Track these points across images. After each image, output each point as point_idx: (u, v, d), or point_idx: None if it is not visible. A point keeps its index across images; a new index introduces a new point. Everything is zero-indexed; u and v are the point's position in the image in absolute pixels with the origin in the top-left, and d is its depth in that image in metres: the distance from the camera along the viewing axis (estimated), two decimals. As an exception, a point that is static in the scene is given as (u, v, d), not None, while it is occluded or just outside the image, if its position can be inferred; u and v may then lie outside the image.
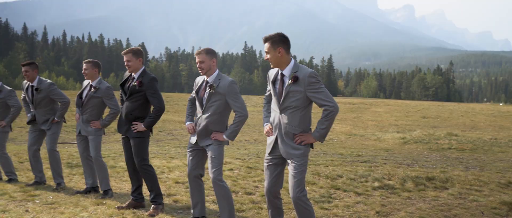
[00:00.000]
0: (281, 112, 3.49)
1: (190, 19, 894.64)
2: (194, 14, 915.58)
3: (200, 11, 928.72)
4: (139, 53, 4.75)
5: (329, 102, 3.36)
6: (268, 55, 3.50)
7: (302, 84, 3.37)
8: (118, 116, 4.98)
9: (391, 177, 6.62)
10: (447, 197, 5.67)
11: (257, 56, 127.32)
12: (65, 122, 6.08)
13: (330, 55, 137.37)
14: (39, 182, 5.97)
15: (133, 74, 4.73)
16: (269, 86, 3.67)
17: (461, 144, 12.09)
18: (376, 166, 7.76)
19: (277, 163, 3.63)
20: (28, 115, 5.95)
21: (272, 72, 3.65)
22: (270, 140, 3.62)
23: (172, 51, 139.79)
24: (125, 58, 4.71)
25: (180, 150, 10.09)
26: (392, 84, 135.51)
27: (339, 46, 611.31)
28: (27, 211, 4.64)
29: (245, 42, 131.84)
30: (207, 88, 4.04)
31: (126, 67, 4.73)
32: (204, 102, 4.05)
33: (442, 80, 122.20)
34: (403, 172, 7.02)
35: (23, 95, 5.96)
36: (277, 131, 3.54)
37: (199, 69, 4.09)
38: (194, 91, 4.23)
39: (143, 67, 4.79)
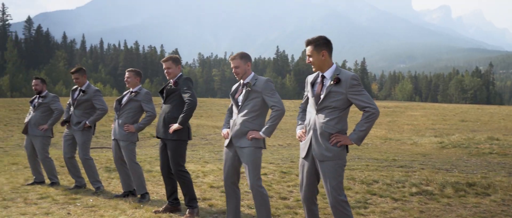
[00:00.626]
0: (318, 112, 3.44)
1: (222, 24, 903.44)
2: (226, 19, 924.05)
3: (231, 17, 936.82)
4: (178, 60, 4.88)
5: (371, 105, 3.32)
6: (311, 58, 3.47)
7: (344, 86, 3.34)
8: (156, 121, 5.07)
9: (430, 183, 6.44)
10: (489, 203, 5.47)
11: (289, 61, 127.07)
12: (93, 133, 6.24)
13: (363, 58, 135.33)
14: (80, 186, 6.17)
15: (171, 80, 4.84)
16: (307, 91, 3.64)
17: (503, 149, 11.61)
18: (413, 171, 7.58)
19: (313, 167, 3.56)
20: (66, 116, 6.17)
21: (311, 76, 3.62)
22: (304, 142, 3.57)
23: (204, 57, 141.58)
24: (165, 66, 4.82)
25: (214, 155, 10.18)
26: (428, 87, 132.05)
27: (372, 49, 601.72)
28: (69, 213, 4.80)
29: (277, 46, 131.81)
30: (243, 88, 4.07)
31: (166, 74, 4.83)
32: (239, 102, 4.07)
33: (481, 83, 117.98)
34: (442, 177, 6.82)
35: (69, 100, 6.20)
36: (311, 132, 3.48)
37: (234, 74, 4.12)
38: (231, 93, 4.25)
39: (181, 73, 4.89)
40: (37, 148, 6.38)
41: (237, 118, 4.06)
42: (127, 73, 5.57)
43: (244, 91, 4.05)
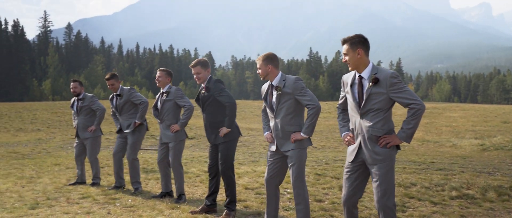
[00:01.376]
0: (362, 116, 3.36)
1: (255, 27, 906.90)
2: (259, 21, 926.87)
3: (264, 19, 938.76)
4: (206, 64, 4.92)
5: (415, 101, 3.20)
6: (347, 57, 3.39)
7: (383, 85, 3.23)
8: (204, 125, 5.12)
9: (471, 186, 6.24)
10: (535, 208, 5.23)
11: (323, 62, 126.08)
12: (147, 129, 6.42)
13: (399, 58, 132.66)
14: (119, 186, 6.34)
15: (202, 85, 4.90)
16: (344, 92, 3.56)
17: (549, 151, 11.11)
18: (453, 174, 7.36)
19: (359, 171, 3.48)
20: (117, 124, 6.39)
21: (347, 77, 3.52)
22: (353, 147, 3.47)
23: (237, 59, 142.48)
24: (194, 71, 4.88)
25: (248, 156, 10.22)
26: (468, 88, 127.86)
27: (408, 49, 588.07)
28: (109, 213, 4.94)
29: (310, 48, 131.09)
30: (274, 91, 4.06)
31: (196, 80, 4.89)
32: (274, 106, 4.05)
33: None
34: (484, 181, 6.59)
35: (112, 108, 6.41)
36: (359, 137, 3.40)
37: (259, 75, 4.17)
38: (263, 96, 4.25)
39: (210, 75, 4.95)
40: (88, 149, 6.62)
41: (275, 122, 4.05)
42: (158, 72, 5.67)
43: (275, 94, 4.04)
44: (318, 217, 4.82)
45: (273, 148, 4.11)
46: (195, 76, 4.88)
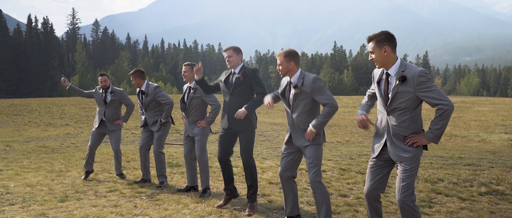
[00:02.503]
0: (388, 114, 3.32)
1: (278, 21, 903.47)
2: (283, 16, 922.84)
3: (288, 13, 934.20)
4: (239, 50, 4.95)
5: (443, 101, 3.12)
6: (373, 55, 3.33)
7: (411, 84, 3.17)
8: (221, 112, 5.17)
9: (500, 182, 6.08)
10: None
11: (347, 56, 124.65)
12: (173, 123, 6.51)
13: (426, 51, 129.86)
14: (145, 180, 6.44)
15: (233, 70, 4.91)
16: (374, 86, 3.53)
17: None
18: (481, 170, 7.18)
19: (383, 166, 3.46)
20: (142, 118, 6.49)
21: (377, 72, 3.47)
22: (378, 143, 3.45)
23: (261, 54, 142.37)
24: (226, 55, 4.88)
25: (272, 151, 10.23)
26: (497, 81, 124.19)
27: (436, 42, 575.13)
28: (135, 206, 5.04)
29: (334, 41, 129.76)
30: (292, 89, 4.06)
31: (227, 63, 4.90)
32: (291, 102, 4.08)
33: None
34: (515, 176, 6.41)
35: (138, 103, 6.54)
36: (386, 134, 3.36)
37: (278, 71, 4.15)
38: (280, 91, 4.26)
39: (242, 63, 4.97)
40: (112, 141, 6.74)
41: (292, 118, 4.08)
42: (184, 67, 5.74)
43: (293, 92, 4.04)
44: (343, 212, 4.79)
45: (286, 139, 4.20)
46: (227, 59, 4.88)
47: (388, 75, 3.32)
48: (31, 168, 7.64)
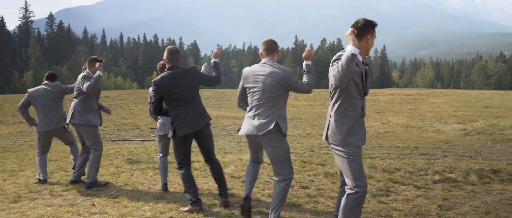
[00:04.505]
0: (362, 98, 3.46)
1: (241, 15, 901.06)
2: (245, 10, 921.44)
3: (251, 8, 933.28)
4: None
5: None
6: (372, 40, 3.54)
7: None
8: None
9: (453, 170, 6.34)
10: (515, 190, 5.34)
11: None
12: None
13: (384, 46, 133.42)
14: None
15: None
16: (351, 74, 3.48)
17: (530, 135, 11.32)
18: (436, 159, 7.46)
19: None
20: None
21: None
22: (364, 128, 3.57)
23: (224, 48, 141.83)
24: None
25: (234, 145, 10.22)
26: (451, 74, 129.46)
27: (393, 37, 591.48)
28: (93, 205, 4.89)
29: (296, 36, 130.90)
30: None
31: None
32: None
33: (505, 68, 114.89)
34: (466, 164, 6.70)
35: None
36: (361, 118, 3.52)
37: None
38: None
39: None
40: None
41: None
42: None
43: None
44: (304, 203, 4.84)
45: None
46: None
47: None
48: (-19, 168, 7.28)
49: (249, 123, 3.98)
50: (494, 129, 12.63)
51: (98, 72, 5.63)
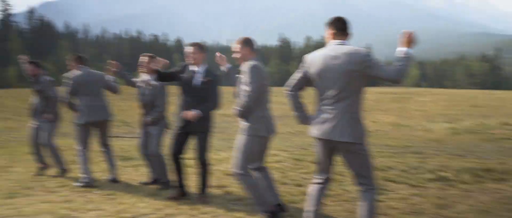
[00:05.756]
0: None
1: (225, 11, 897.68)
2: (229, 6, 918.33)
3: (235, 3, 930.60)
4: (204, 47, 4.81)
5: None
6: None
7: None
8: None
9: (446, 169, 6.41)
10: (509, 189, 5.43)
11: (292, 48, 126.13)
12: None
13: (366, 44, 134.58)
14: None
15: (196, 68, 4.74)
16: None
17: (516, 134, 11.55)
18: (428, 157, 7.54)
19: None
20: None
21: None
22: None
23: (208, 45, 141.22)
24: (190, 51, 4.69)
25: (226, 142, 10.18)
26: (435, 73, 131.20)
27: (377, 37, 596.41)
28: (88, 201, 4.82)
29: (280, 34, 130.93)
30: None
31: (192, 60, 4.70)
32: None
33: (489, 68, 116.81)
34: (458, 163, 6.80)
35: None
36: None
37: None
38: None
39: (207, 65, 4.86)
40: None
41: None
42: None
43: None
44: (299, 201, 4.84)
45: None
46: (191, 56, 4.69)
47: None
48: (-32, 165, 7.11)
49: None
50: (483, 128, 12.84)
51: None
